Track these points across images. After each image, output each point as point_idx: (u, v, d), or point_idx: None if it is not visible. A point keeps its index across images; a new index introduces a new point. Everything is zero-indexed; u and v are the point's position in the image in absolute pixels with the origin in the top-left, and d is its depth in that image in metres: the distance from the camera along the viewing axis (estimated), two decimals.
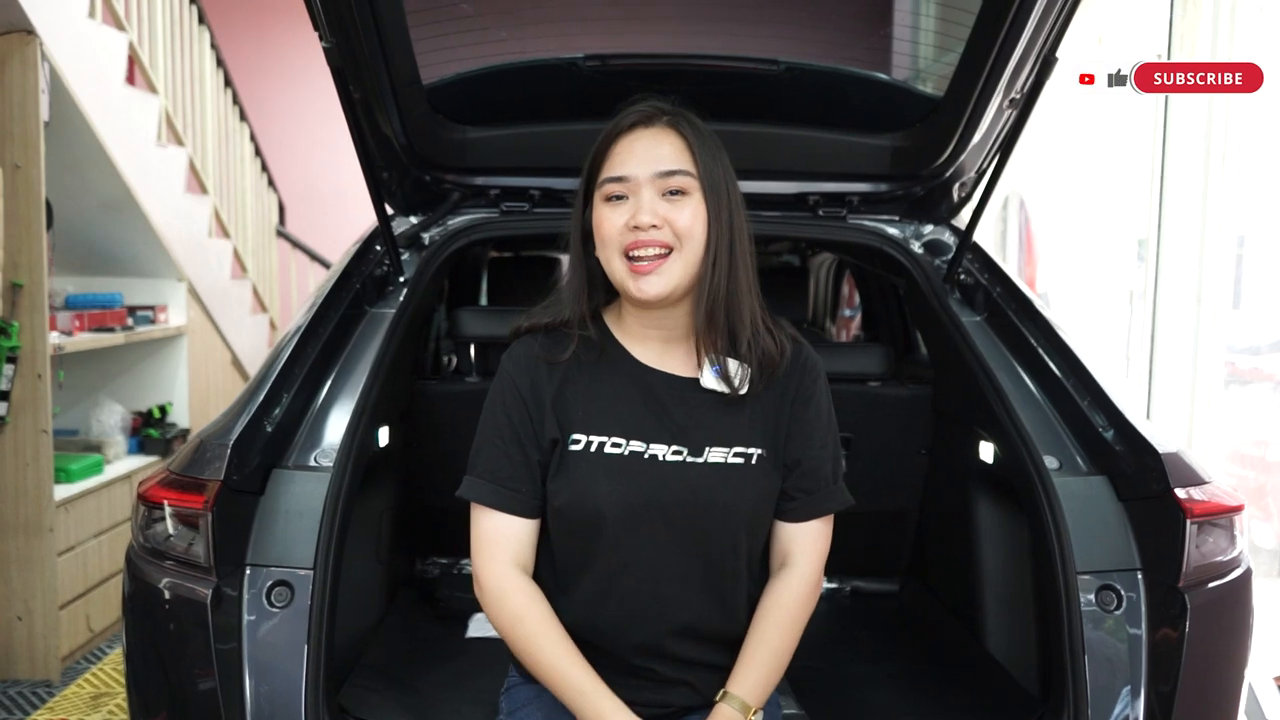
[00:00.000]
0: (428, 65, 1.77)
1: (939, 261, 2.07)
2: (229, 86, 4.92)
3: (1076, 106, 4.30)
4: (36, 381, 2.93)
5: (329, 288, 1.90)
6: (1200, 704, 1.51)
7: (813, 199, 2.07)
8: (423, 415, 2.16)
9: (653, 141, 1.30)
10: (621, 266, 1.28)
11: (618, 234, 1.28)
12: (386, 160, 1.93)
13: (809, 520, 1.36)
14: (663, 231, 1.27)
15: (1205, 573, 1.52)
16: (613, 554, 1.30)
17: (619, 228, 1.28)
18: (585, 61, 1.82)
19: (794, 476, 1.35)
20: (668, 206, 1.28)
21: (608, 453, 1.31)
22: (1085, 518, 1.59)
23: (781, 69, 1.84)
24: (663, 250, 1.27)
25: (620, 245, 1.28)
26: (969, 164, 1.98)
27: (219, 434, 1.56)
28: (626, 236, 1.27)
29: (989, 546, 1.99)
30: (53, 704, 2.87)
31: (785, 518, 1.37)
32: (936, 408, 2.19)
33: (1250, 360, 4.22)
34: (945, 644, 2.07)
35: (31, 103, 2.87)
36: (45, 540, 2.98)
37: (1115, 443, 1.65)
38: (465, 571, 2.36)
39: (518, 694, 1.39)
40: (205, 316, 4.27)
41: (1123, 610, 1.53)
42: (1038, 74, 1.67)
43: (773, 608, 1.34)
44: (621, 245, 1.28)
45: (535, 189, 2.05)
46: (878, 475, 2.22)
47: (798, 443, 1.35)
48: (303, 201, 6.48)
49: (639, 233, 1.26)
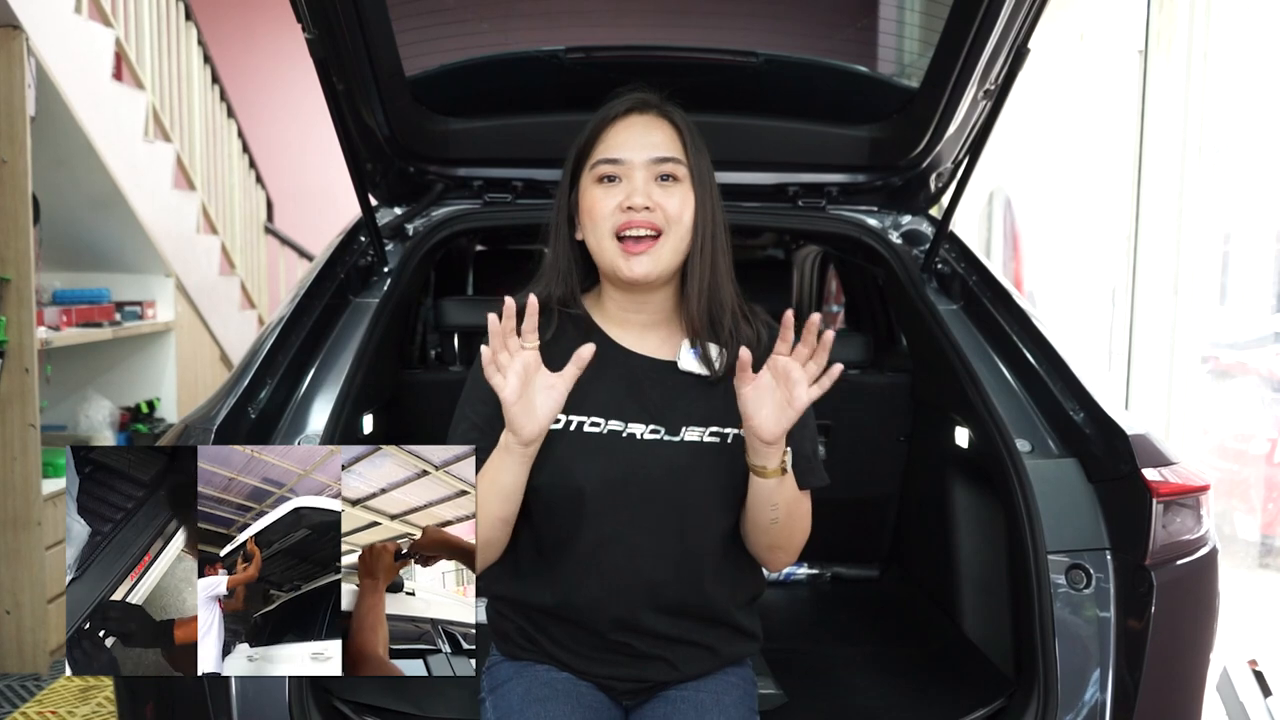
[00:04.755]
0: (410, 57, 1.79)
1: (917, 251, 2.10)
2: (216, 83, 4.92)
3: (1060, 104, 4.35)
4: (24, 376, 2.94)
5: (313, 277, 1.92)
6: (1167, 679, 1.54)
7: (792, 190, 2.10)
8: (407, 404, 2.18)
9: (646, 128, 1.34)
10: (612, 246, 1.31)
11: (609, 214, 1.31)
12: (370, 151, 1.95)
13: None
14: (654, 214, 1.30)
15: (1172, 551, 1.56)
16: (591, 531, 1.33)
17: (611, 208, 1.31)
18: (567, 53, 1.85)
19: None
20: (660, 191, 1.31)
21: (586, 431, 1.33)
22: (1056, 499, 1.63)
23: (760, 61, 1.87)
24: (653, 233, 1.31)
25: (612, 225, 1.31)
26: (945, 154, 2.01)
27: (203, 419, 1.57)
28: (619, 217, 1.31)
29: (965, 531, 2.03)
30: (41, 697, 2.88)
31: None
32: (915, 395, 2.22)
33: (1234, 355, 4.27)
34: (923, 627, 2.10)
35: (18, 98, 2.88)
36: (33, 534, 2.99)
37: (1085, 426, 1.68)
38: None
39: (498, 671, 1.41)
40: (193, 312, 4.28)
41: (1092, 589, 1.56)
42: (1011, 64, 1.71)
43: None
44: (613, 225, 1.31)
45: (518, 180, 2.07)
46: (857, 463, 2.24)
47: None
48: (291, 198, 6.48)
49: (631, 214, 1.30)
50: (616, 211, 1.31)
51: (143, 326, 3.81)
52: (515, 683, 1.37)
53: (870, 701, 1.76)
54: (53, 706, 2.82)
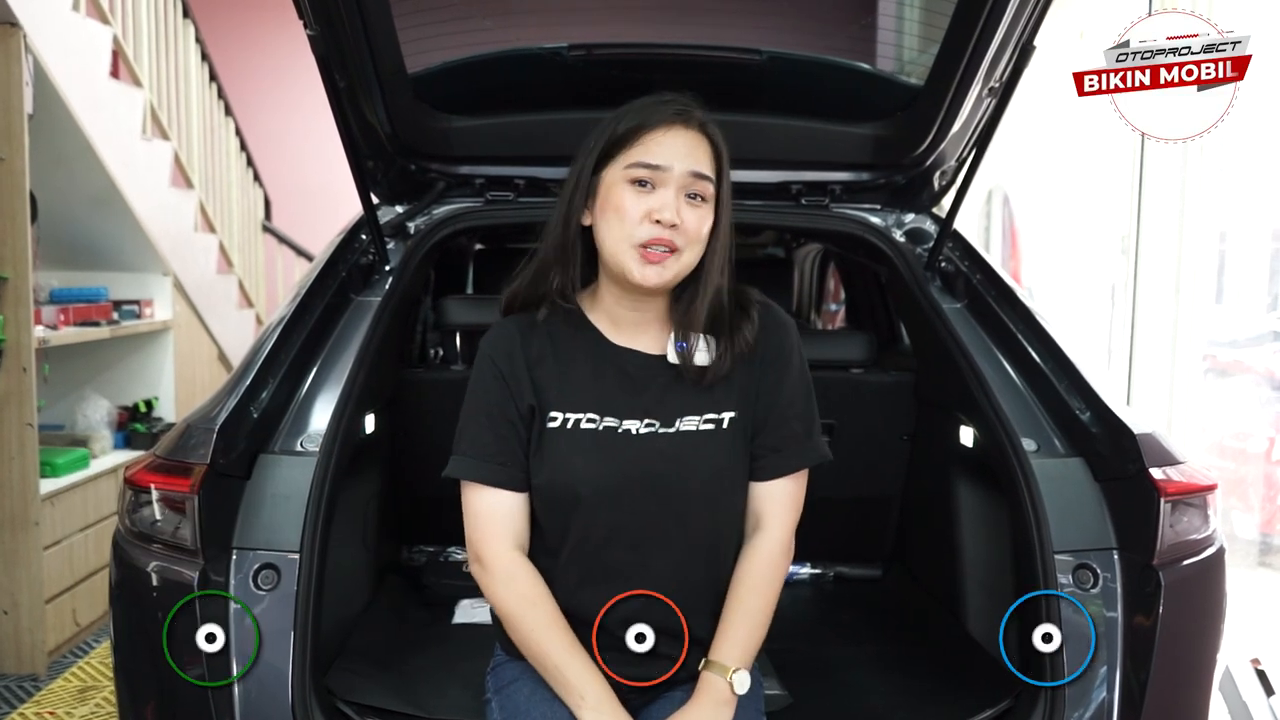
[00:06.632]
0: (412, 54, 1.78)
1: (920, 249, 2.10)
2: (214, 81, 4.90)
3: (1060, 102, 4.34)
4: (21, 375, 2.92)
5: (314, 276, 1.91)
6: (1174, 679, 1.53)
7: (795, 188, 2.09)
8: (409, 403, 2.17)
9: (690, 141, 1.33)
10: (630, 251, 1.31)
11: (638, 221, 1.30)
12: (371, 149, 1.94)
13: (777, 479, 1.39)
14: (676, 232, 1.30)
15: (1179, 551, 1.55)
16: (593, 528, 1.33)
17: (640, 215, 1.30)
18: (569, 51, 1.84)
19: (762, 435, 1.38)
20: (687, 209, 1.31)
21: (583, 428, 1.34)
22: (1062, 498, 1.62)
23: (764, 58, 1.86)
24: (670, 249, 1.31)
25: (637, 233, 1.30)
26: (949, 152, 2.00)
27: (205, 419, 1.57)
28: (646, 229, 1.30)
29: (970, 530, 2.02)
30: (39, 697, 2.87)
31: (754, 477, 1.39)
32: (918, 394, 2.21)
33: (1231, 353, 4.27)
34: (927, 627, 2.09)
35: (15, 95, 2.86)
36: (31, 534, 2.97)
37: (1092, 425, 1.67)
38: (452, 559, 2.37)
39: (504, 671, 1.41)
40: (191, 311, 4.27)
41: (1098, 589, 1.55)
42: (1016, 62, 1.70)
43: (746, 573, 1.37)
44: (639, 235, 1.30)
45: (520, 178, 2.06)
46: (861, 461, 2.24)
47: (765, 401, 1.38)
48: (289, 197, 6.46)
49: (659, 229, 1.30)
50: (645, 221, 1.30)
51: (140, 325, 3.80)
52: (521, 683, 1.37)
53: (877, 702, 1.76)
54: (51, 707, 2.80)
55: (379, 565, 2.18)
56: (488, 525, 1.34)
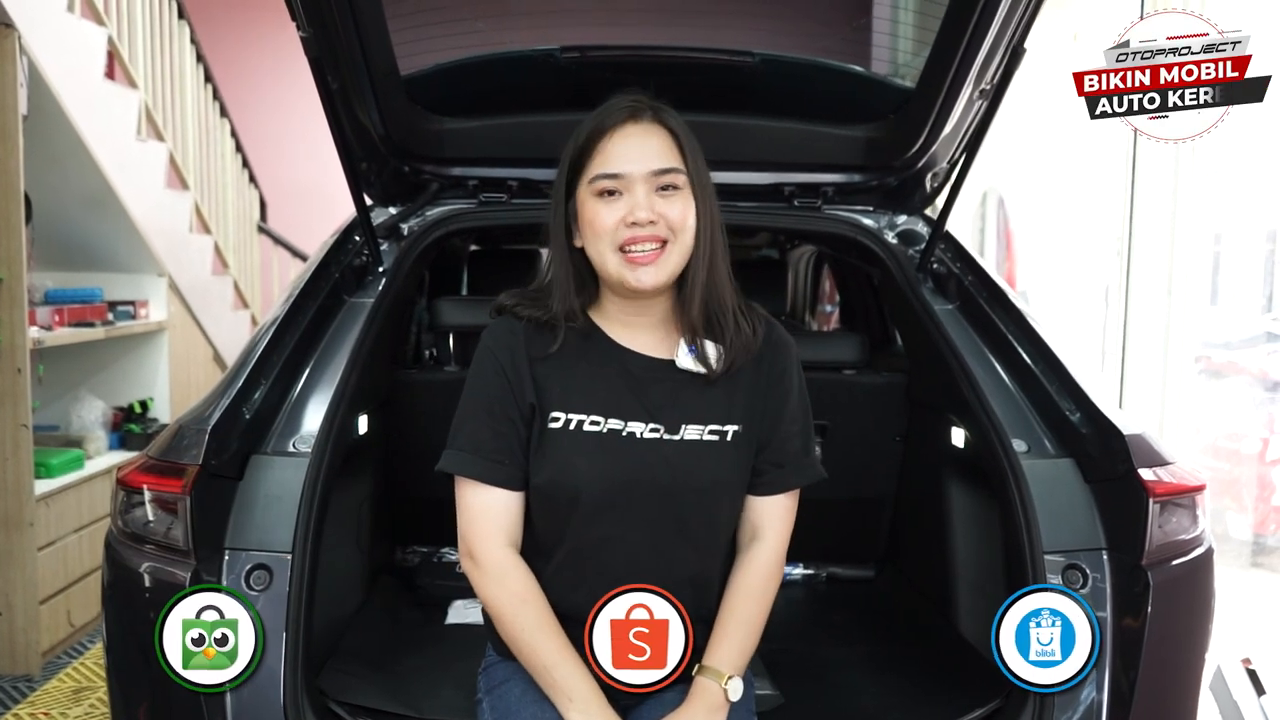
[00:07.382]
0: (405, 56, 1.79)
1: (912, 251, 2.10)
2: (209, 82, 4.91)
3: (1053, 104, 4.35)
4: (16, 376, 2.92)
5: (307, 277, 1.91)
6: (1163, 679, 1.54)
7: (788, 190, 2.10)
8: (402, 405, 2.17)
9: (643, 138, 1.32)
10: (616, 259, 1.31)
11: (612, 229, 1.30)
12: (365, 151, 1.94)
13: (778, 494, 1.40)
14: (658, 226, 1.30)
15: (1167, 551, 1.56)
16: (591, 530, 1.33)
17: (613, 223, 1.30)
18: (562, 53, 1.84)
19: (765, 452, 1.39)
20: (661, 202, 1.31)
21: (586, 430, 1.33)
22: (1052, 499, 1.63)
23: (756, 60, 1.87)
24: (657, 244, 1.30)
25: (615, 240, 1.31)
26: (941, 154, 2.01)
27: (197, 419, 1.57)
28: (623, 232, 1.30)
29: (961, 531, 2.03)
30: (33, 698, 2.87)
31: (755, 491, 1.40)
32: (910, 395, 2.22)
33: (1225, 354, 4.29)
34: (919, 627, 2.10)
35: (10, 96, 2.86)
36: (25, 535, 2.97)
37: (1082, 426, 1.68)
38: (445, 560, 2.37)
39: (496, 672, 1.41)
40: (186, 312, 4.27)
41: (1088, 588, 1.56)
42: (1007, 64, 1.70)
43: (743, 582, 1.38)
44: (617, 240, 1.31)
45: (513, 180, 2.07)
46: (853, 462, 2.24)
47: (770, 419, 1.39)
48: (284, 198, 6.46)
49: (636, 229, 1.30)
50: (620, 226, 1.30)
51: (135, 326, 3.80)
52: (512, 683, 1.37)
53: (867, 702, 1.76)
54: (45, 708, 2.80)
55: (372, 566, 2.18)
56: (481, 522, 1.34)
